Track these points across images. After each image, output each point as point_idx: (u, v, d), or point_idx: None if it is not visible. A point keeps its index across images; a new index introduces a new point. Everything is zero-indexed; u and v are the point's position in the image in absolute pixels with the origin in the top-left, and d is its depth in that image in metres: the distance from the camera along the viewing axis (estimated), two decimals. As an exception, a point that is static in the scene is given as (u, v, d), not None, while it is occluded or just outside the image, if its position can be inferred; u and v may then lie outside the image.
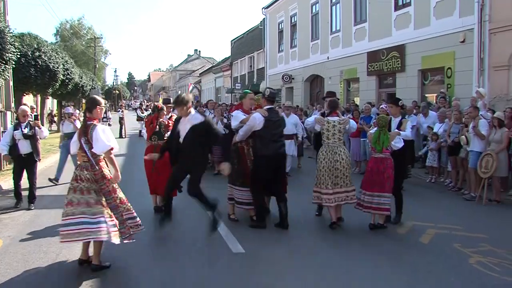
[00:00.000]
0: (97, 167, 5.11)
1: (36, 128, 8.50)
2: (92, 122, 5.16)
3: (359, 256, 5.74)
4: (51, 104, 31.43)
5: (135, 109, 41.70)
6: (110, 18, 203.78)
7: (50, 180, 10.63)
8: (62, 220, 5.05)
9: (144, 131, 9.92)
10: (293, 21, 25.68)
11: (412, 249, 6.03)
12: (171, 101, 9.12)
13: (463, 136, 9.29)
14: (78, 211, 4.95)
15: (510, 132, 8.92)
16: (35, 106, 16.62)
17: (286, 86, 26.07)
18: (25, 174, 8.38)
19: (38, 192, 9.16)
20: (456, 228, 6.97)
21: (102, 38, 58.26)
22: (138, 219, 5.41)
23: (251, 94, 7.26)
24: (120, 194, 5.30)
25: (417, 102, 13.81)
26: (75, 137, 5.32)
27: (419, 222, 7.25)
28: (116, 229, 5.06)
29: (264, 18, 30.24)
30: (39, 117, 9.36)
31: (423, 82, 15.29)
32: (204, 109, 13.92)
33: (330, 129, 6.87)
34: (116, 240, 5.02)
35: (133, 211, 5.38)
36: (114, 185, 5.23)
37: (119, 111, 26.24)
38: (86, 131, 5.11)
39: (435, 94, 13.83)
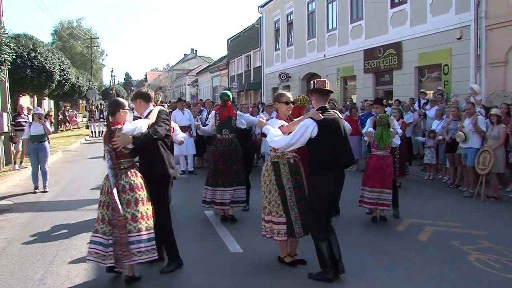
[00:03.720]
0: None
1: None
2: (116, 126, 4.64)
3: (357, 253, 5.70)
4: (47, 105, 31.32)
5: (132, 109, 41.50)
6: (107, 18, 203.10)
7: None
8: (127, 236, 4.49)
9: None
10: (289, 19, 25.64)
11: (410, 247, 6.01)
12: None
13: (461, 133, 9.22)
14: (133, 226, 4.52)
15: (508, 128, 8.92)
16: (32, 107, 16.56)
17: (283, 84, 26.04)
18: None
19: (34, 196, 9.20)
20: (454, 225, 6.96)
21: (98, 38, 58.15)
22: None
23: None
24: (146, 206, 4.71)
25: (414, 99, 13.83)
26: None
27: (417, 220, 7.24)
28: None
29: (260, 17, 30.20)
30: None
31: (420, 79, 15.27)
32: (202, 108, 13.90)
33: None
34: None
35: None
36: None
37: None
38: (112, 137, 4.58)
39: (432, 91, 13.82)
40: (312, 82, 5.83)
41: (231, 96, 7.74)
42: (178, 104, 12.42)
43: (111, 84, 64.68)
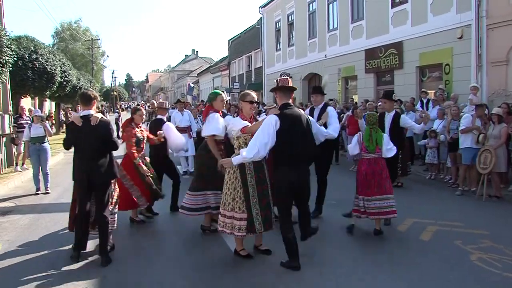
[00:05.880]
0: None
1: None
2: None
3: (359, 254, 5.71)
4: (48, 106, 31.35)
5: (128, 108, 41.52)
6: (108, 19, 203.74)
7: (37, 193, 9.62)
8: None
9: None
10: (290, 19, 25.66)
11: (412, 247, 6.00)
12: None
13: (483, 135, 8.98)
14: None
15: (509, 128, 8.91)
16: (33, 109, 16.57)
17: (284, 85, 26.01)
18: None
19: (35, 198, 9.20)
20: (456, 224, 6.95)
21: (99, 39, 58.19)
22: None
23: (221, 95, 6.38)
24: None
25: (414, 99, 13.82)
26: None
27: (419, 219, 7.23)
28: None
29: (261, 17, 30.23)
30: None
31: (421, 79, 15.28)
32: (203, 109, 13.90)
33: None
34: None
35: None
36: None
37: (117, 112, 26.20)
38: None
39: (434, 91, 13.83)
40: (275, 80, 5.63)
41: None
42: (177, 105, 12.46)
43: (112, 85, 64.74)
